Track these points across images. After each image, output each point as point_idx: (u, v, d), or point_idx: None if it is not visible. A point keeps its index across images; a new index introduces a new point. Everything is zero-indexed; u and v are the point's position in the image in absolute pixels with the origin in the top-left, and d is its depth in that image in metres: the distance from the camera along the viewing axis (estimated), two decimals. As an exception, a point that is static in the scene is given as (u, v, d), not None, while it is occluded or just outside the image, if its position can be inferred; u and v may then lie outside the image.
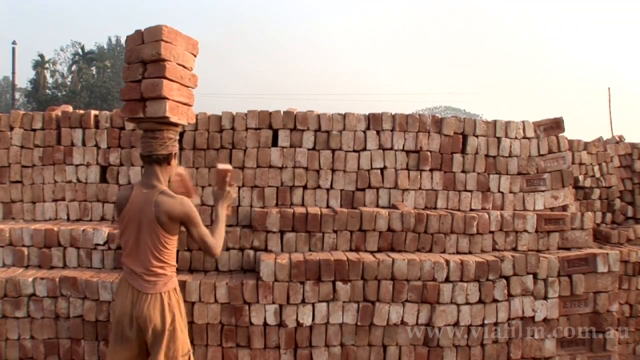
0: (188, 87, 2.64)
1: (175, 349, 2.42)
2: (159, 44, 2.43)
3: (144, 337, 2.39)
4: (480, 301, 3.27)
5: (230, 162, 3.64)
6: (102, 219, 3.66)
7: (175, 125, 2.57)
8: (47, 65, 37.59)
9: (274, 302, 3.12)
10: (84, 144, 3.70)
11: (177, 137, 2.59)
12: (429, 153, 3.74)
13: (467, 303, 3.25)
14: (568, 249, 3.70)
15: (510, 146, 3.88)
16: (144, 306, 2.36)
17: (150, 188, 2.41)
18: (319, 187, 3.67)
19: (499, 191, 3.84)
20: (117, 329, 2.43)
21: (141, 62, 2.50)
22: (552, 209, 3.88)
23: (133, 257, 2.43)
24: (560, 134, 4.01)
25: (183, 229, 2.53)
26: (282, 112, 3.68)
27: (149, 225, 2.37)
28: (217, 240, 2.60)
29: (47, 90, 32.42)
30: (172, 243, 2.48)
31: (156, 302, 2.38)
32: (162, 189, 2.43)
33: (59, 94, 31.10)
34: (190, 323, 3.11)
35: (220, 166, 2.81)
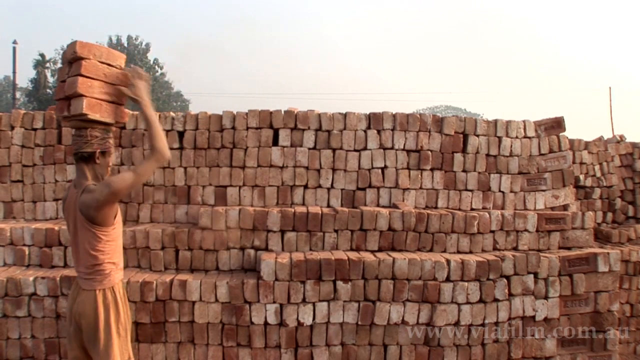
0: (115, 85, 2.56)
1: (113, 352, 2.33)
2: (76, 42, 2.43)
3: (82, 335, 2.36)
4: (480, 301, 3.27)
5: (231, 162, 3.65)
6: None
7: (103, 123, 2.50)
8: (47, 64, 37.58)
9: (274, 302, 3.12)
10: (84, 144, 3.70)
11: (108, 136, 2.49)
12: (429, 152, 3.74)
13: (468, 302, 3.24)
14: (569, 248, 3.70)
15: (511, 145, 3.87)
16: (79, 302, 2.34)
17: (79, 187, 2.38)
18: (319, 186, 3.67)
19: (499, 190, 3.84)
20: (66, 326, 2.43)
21: (68, 63, 2.50)
22: (552, 209, 3.88)
23: (75, 255, 2.43)
24: (561, 134, 4.01)
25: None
26: (282, 112, 3.68)
27: (81, 223, 2.34)
28: (156, 146, 2.39)
29: (48, 90, 32.41)
30: (109, 237, 2.37)
31: (90, 299, 2.33)
32: (87, 185, 2.36)
33: (60, 93, 31.00)
34: (191, 322, 3.12)
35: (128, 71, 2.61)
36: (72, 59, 2.42)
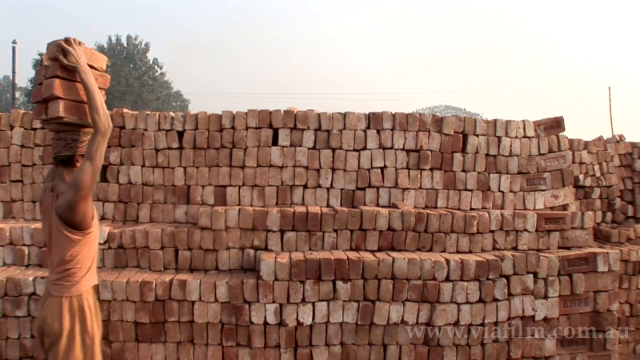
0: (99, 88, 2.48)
1: (74, 359, 2.27)
2: (56, 42, 2.35)
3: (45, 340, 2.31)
4: (480, 300, 3.27)
5: (230, 162, 3.65)
6: (103, 218, 3.66)
7: (82, 126, 2.45)
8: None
9: (274, 301, 3.12)
10: (84, 143, 3.69)
11: (86, 138, 2.42)
12: (429, 152, 3.74)
13: (468, 302, 3.24)
14: (568, 248, 3.70)
15: (511, 145, 3.87)
16: (45, 308, 2.31)
17: (55, 189, 2.35)
18: (319, 186, 3.67)
19: (499, 190, 3.84)
20: (37, 330, 2.39)
21: (45, 66, 2.43)
22: (552, 208, 3.89)
23: (49, 257, 2.39)
24: (561, 133, 4.01)
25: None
26: (282, 112, 3.68)
27: (57, 227, 2.30)
28: (96, 119, 2.28)
29: (48, 90, 32.35)
30: (85, 240, 2.32)
31: (55, 305, 2.28)
32: (63, 189, 2.32)
33: (59, 93, 30.96)
34: (191, 322, 3.12)
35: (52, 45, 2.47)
36: (53, 58, 2.34)
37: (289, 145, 3.66)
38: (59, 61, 2.32)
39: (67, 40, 2.35)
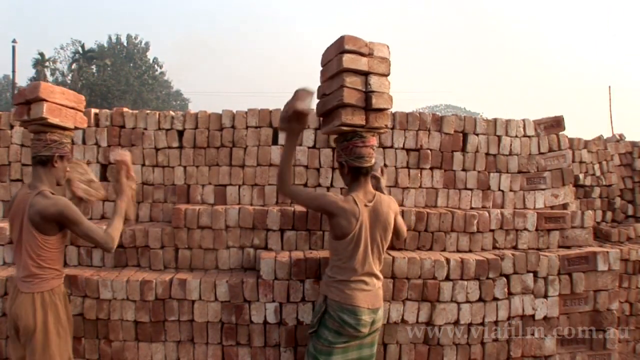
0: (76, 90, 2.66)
1: (51, 352, 2.33)
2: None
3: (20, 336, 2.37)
4: (480, 299, 3.27)
5: (230, 161, 3.64)
6: (103, 217, 3.66)
7: (62, 128, 2.56)
8: (47, 63, 37.57)
9: (274, 301, 3.12)
10: (84, 142, 3.70)
11: (66, 141, 2.57)
12: (429, 151, 3.74)
13: (468, 301, 3.25)
14: (568, 247, 3.70)
15: (511, 144, 3.87)
16: (17, 304, 2.36)
17: (32, 189, 2.42)
18: (319, 185, 3.67)
19: (499, 189, 3.84)
20: (7, 327, 2.45)
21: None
22: (552, 208, 3.89)
23: (16, 256, 2.45)
24: (561, 132, 4.01)
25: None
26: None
27: (26, 226, 2.37)
28: (109, 233, 2.55)
29: (48, 89, 32.36)
30: (50, 245, 2.42)
31: (27, 301, 2.35)
32: (41, 189, 2.40)
33: (59, 92, 30.98)
34: (191, 321, 3.12)
35: (116, 156, 2.78)
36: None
37: (289, 145, 3.65)
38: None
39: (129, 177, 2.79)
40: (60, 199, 2.43)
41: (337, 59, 2.56)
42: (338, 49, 2.57)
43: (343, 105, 2.51)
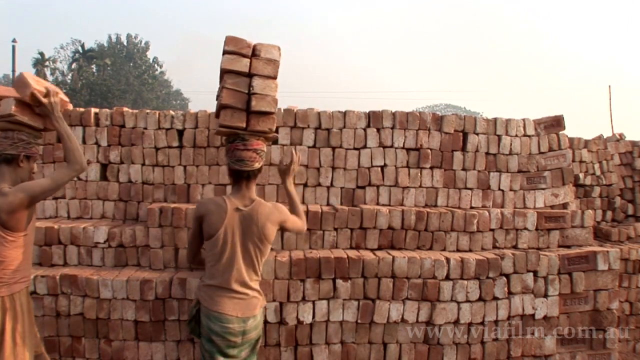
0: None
1: (2, 357, 2.24)
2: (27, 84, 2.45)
3: None
4: (480, 299, 3.28)
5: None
6: (103, 216, 3.66)
7: (32, 127, 2.50)
8: (47, 63, 37.57)
9: (274, 300, 3.12)
10: (84, 142, 3.70)
11: (35, 141, 2.50)
12: (429, 151, 3.74)
13: (468, 301, 3.25)
14: (568, 246, 3.70)
15: (511, 144, 3.87)
16: None
17: None
18: (319, 184, 3.67)
19: (499, 189, 3.84)
20: None
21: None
22: (552, 207, 3.88)
23: None
24: (561, 132, 4.01)
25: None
26: (282, 110, 3.67)
27: None
28: (73, 160, 2.38)
29: (47, 89, 32.37)
30: (17, 243, 2.32)
31: None
32: (1, 188, 2.29)
33: (59, 92, 31.04)
34: (191, 321, 3.12)
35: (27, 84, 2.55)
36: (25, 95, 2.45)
37: (289, 144, 3.66)
38: (34, 102, 2.43)
39: (47, 93, 2.45)
40: (18, 187, 2.30)
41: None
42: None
43: (223, 107, 2.46)
